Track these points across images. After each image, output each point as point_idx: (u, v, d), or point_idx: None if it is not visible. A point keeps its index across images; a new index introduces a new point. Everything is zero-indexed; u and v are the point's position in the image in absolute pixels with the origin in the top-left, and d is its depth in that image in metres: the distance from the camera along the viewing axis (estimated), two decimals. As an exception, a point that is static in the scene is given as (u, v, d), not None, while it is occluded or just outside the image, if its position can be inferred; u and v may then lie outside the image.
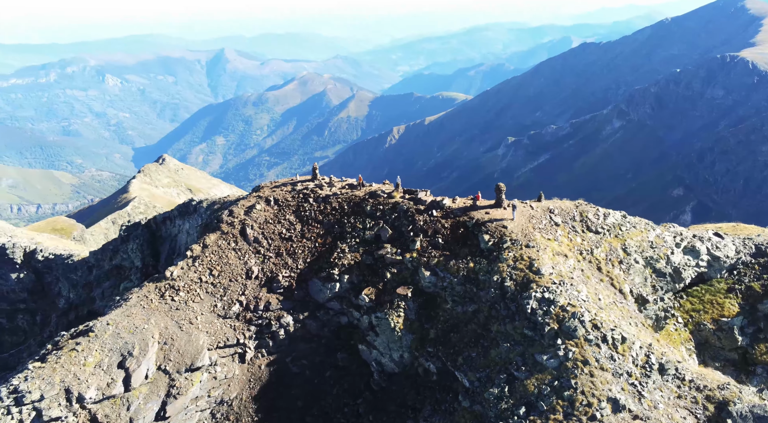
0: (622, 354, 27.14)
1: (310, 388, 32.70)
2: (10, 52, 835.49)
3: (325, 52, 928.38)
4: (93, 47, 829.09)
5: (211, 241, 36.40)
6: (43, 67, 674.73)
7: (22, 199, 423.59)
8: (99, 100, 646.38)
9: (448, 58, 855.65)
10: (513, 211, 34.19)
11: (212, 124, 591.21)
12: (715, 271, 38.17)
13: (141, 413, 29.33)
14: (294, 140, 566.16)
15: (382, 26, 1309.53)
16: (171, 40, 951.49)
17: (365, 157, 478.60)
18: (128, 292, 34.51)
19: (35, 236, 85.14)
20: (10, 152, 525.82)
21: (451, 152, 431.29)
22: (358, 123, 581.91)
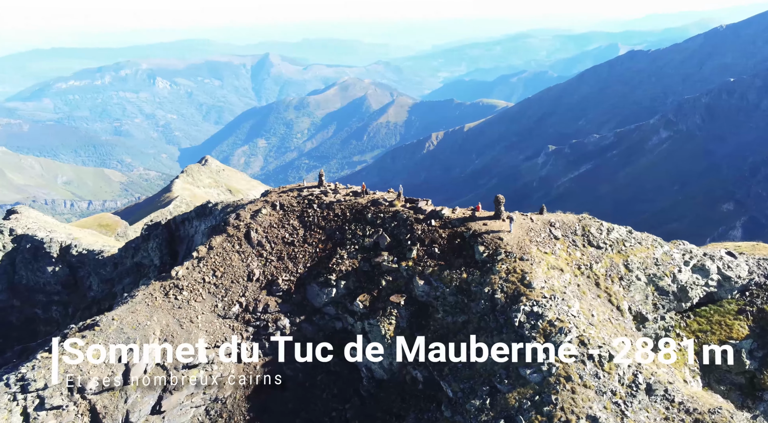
0: (608, 372, 26.72)
1: (301, 391, 33.47)
2: (71, 56, 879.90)
3: (366, 58, 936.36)
4: (146, 51, 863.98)
5: (216, 243, 37.80)
6: (99, 70, 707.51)
7: (75, 195, 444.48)
8: (149, 102, 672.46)
9: (490, 65, 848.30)
10: (510, 223, 34.08)
11: (255, 126, 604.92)
12: (726, 291, 36.88)
13: (137, 406, 30.74)
14: (333, 144, 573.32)
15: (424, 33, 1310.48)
16: (219, 45, 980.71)
17: (403, 162, 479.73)
18: (136, 290, 36.23)
19: (73, 231, 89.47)
20: (66, 150, 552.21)
21: (489, 160, 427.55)
22: (397, 128, 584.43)
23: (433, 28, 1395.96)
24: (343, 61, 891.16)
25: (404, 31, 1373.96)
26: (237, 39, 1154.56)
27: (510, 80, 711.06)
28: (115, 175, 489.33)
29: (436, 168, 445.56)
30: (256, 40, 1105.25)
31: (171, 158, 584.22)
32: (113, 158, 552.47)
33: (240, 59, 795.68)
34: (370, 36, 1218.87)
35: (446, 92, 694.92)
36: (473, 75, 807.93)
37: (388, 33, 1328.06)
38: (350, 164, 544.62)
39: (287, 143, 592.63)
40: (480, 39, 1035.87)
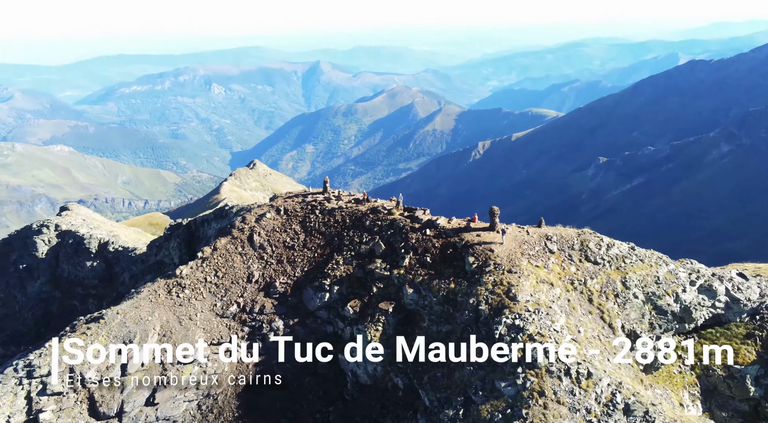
0: (585, 389, 26.18)
1: (289, 391, 34.32)
2: (135, 62, 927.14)
3: (415, 65, 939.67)
4: (203, 58, 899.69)
5: (221, 244, 39.38)
6: (159, 75, 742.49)
7: (132, 195, 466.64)
8: (204, 106, 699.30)
9: (542, 74, 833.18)
10: (503, 235, 33.89)
11: (303, 132, 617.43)
12: (734, 314, 35.23)
13: (132, 397, 32.43)
14: (379, 151, 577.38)
15: (474, 41, 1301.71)
16: (272, 53, 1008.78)
17: (447, 170, 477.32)
18: (143, 286, 38.21)
19: (115, 229, 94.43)
20: (126, 151, 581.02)
21: (536, 170, 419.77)
22: (443, 136, 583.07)
23: (483, 36, 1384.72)
24: (393, 68, 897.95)
25: (455, 39, 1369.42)
26: (290, 46, 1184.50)
27: (561, 90, 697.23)
28: (170, 176, 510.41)
29: (481, 177, 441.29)
30: (309, 47, 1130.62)
31: (223, 161, 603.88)
32: (169, 160, 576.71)
33: (292, 66, 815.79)
34: (420, 44, 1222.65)
35: (495, 101, 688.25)
36: (523, 84, 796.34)
37: (439, 41, 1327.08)
38: (395, 171, 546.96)
39: (334, 149, 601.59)
40: (531, 47, 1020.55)
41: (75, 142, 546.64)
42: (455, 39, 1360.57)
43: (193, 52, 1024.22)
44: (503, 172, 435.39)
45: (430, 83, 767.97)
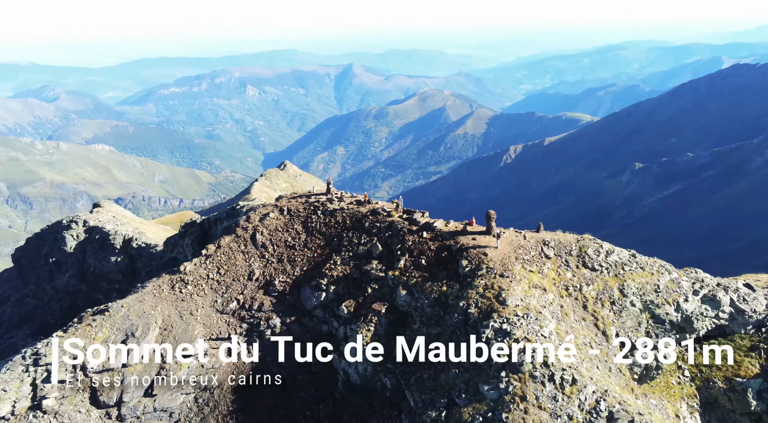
0: (568, 396, 25.88)
1: (282, 388, 34.87)
2: (174, 65, 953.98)
3: (448, 69, 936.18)
4: (239, 61, 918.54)
5: (224, 242, 40.39)
6: (197, 77, 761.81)
7: (168, 193, 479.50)
8: (239, 108, 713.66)
9: (577, 78, 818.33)
10: (498, 239, 33.75)
11: (335, 134, 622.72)
12: (739, 325, 34.13)
13: (132, 388, 33.57)
14: (409, 154, 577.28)
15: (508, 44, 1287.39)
16: (306, 56, 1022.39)
17: (478, 174, 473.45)
18: (148, 281, 39.52)
19: (141, 226, 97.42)
20: (163, 151, 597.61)
21: (569, 175, 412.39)
22: (474, 140, 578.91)
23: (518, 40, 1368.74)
24: (425, 71, 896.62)
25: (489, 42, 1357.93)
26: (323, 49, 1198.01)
27: (597, 94, 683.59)
28: (204, 176, 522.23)
29: (512, 182, 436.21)
30: (342, 50, 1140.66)
31: (256, 162, 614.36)
32: (204, 160, 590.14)
33: (325, 69, 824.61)
34: (454, 47, 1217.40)
35: (528, 105, 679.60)
36: (558, 88, 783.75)
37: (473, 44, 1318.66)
38: (425, 174, 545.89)
39: (365, 151, 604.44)
40: (567, 51, 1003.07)
41: (115, 142, 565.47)
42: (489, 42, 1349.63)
43: (229, 54, 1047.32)
44: (535, 177, 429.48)
45: (462, 86, 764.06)
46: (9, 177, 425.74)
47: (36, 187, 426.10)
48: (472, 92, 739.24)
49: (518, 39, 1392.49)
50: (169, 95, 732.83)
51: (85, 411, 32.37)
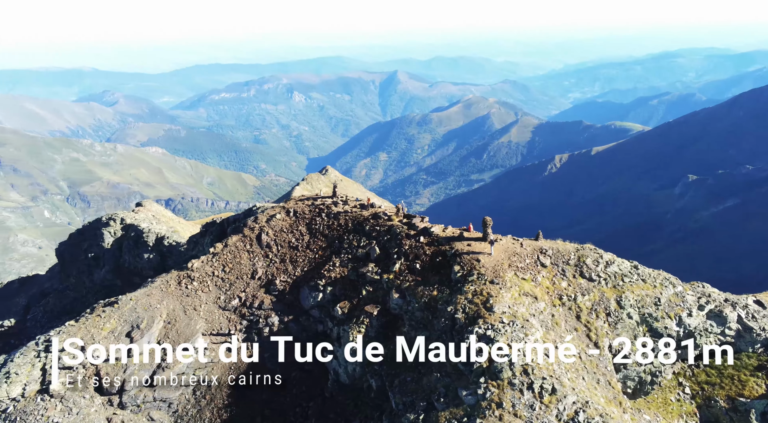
0: (546, 405, 25.39)
1: (275, 385, 35.65)
2: (225, 71, 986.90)
3: (494, 76, 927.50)
4: (287, 67, 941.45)
5: (231, 241, 41.71)
6: (246, 83, 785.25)
7: (215, 195, 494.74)
8: (285, 114, 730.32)
9: (628, 86, 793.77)
10: (492, 245, 33.48)
11: (378, 140, 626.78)
12: (746, 343, 32.50)
13: (133, 377, 35.08)
14: (452, 161, 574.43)
15: (556, 52, 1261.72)
16: (352, 63, 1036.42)
17: (521, 183, 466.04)
18: (158, 276, 41.21)
19: (176, 225, 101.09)
20: (212, 155, 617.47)
21: (617, 186, 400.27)
22: (518, 148, 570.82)
23: (567, 47, 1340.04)
24: (471, 79, 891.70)
25: (537, 49, 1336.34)
26: (370, 56, 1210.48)
27: (649, 103, 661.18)
28: (250, 179, 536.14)
29: (556, 191, 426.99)
30: (388, 57, 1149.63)
31: (300, 166, 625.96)
32: (250, 164, 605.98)
33: (370, 76, 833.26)
34: (501, 55, 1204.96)
35: (575, 113, 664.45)
36: (607, 96, 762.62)
37: (520, 52, 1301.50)
38: (467, 182, 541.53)
39: (407, 158, 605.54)
40: (619, 58, 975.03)
41: (168, 145, 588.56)
42: (537, 50, 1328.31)
43: (278, 61, 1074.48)
44: (580, 187, 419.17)
45: (507, 94, 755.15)
46: (70, 176, 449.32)
47: (94, 187, 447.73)
48: (517, 100, 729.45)
49: (567, 46, 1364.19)
50: (220, 100, 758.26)
51: (89, 397, 34.08)
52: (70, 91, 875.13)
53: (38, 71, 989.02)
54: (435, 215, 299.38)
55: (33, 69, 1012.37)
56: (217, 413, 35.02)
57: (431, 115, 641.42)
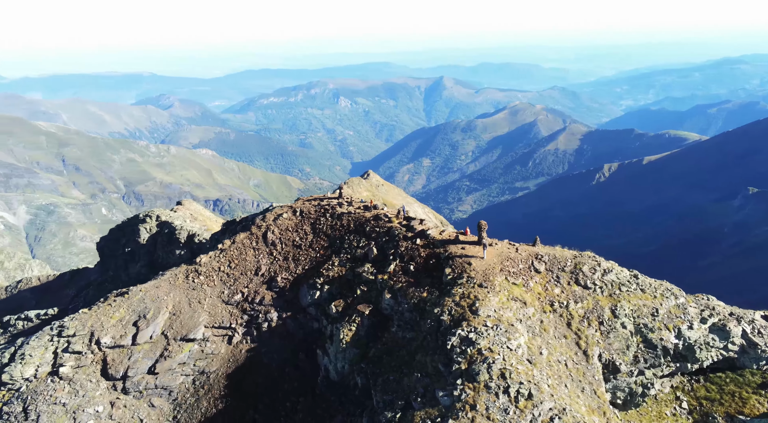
0: (522, 409, 24.95)
1: (270, 379, 36.49)
2: (274, 76, 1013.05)
3: (542, 82, 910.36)
4: (334, 73, 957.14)
5: (239, 238, 42.96)
6: (293, 88, 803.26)
7: (261, 197, 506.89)
8: (331, 118, 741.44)
9: (685, 94, 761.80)
10: (484, 249, 33.18)
11: (421, 146, 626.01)
12: (751, 359, 30.83)
13: (137, 364, 36.71)
14: (496, 168, 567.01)
15: (609, 58, 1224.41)
16: (399, 68, 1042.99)
17: (567, 192, 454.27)
18: (168, 269, 42.88)
19: (210, 224, 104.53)
20: (259, 157, 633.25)
21: (669, 197, 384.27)
22: (566, 156, 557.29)
23: (620, 53, 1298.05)
24: (518, 85, 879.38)
25: (588, 56, 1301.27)
26: (416, 62, 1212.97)
27: (707, 111, 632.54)
28: (294, 182, 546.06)
29: (604, 202, 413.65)
30: (435, 63, 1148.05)
31: (343, 170, 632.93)
32: (296, 167, 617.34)
33: (415, 81, 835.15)
34: (550, 61, 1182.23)
35: (627, 121, 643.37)
36: (662, 104, 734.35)
37: (570, 58, 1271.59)
38: (511, 190, 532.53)
39: (450, 164, 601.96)
40: (676, 65, 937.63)
41: (217, 147, 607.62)
42: (588, 56, 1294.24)
43: (325, 66, 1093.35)
44: (629, 197, 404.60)
45: (556, 101, 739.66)
46: (126, 176, 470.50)
47: (147, 186, 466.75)
48: (566, 107, 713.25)
49: (621, 52, 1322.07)
50: (268, 105, 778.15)
51: (95, 381, 35.92)
52: (129, 95, 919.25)
53: (102, 76, 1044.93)
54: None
55: (97, 73, 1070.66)
56: (214, 403, 36.14)
57: (476, 121, 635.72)
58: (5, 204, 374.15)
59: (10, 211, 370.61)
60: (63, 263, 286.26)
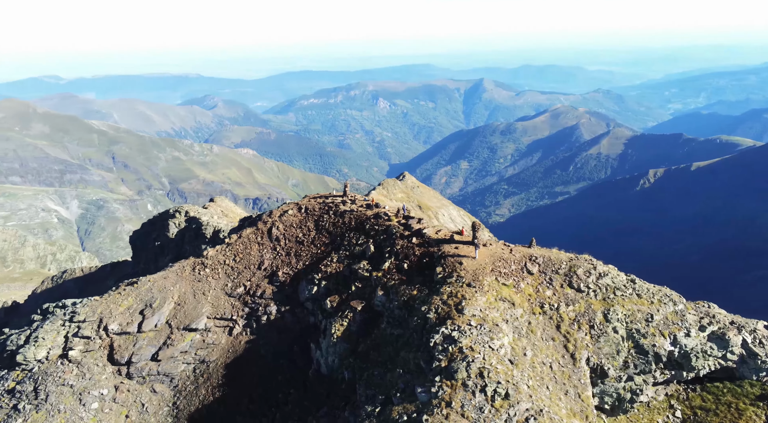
0: (497, 408, 24.74)
1: (266, 370, 37.27)
2: (315, 78, 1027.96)
3: (585, 85, 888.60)
4: (373, 74, 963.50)
5: (245, 233, 44.07)
6: (334, 90, 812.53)
7: (299, 197, 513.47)
8: (370, 119, 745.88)
9: (739, 97, 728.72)
10: (476, 249, 33.00)
11: (459, 148, 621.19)
12: (750, 370, 29.50)
13: (141, 351, 38.18)
14: (535, 172, 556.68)
15: (657, 61, 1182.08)
16: (439, 70, 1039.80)
17: (609, 198, 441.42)
18: (177, 262, 44.38)
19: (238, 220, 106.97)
20: (298, 158, 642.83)
21: (719, 206, 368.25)
22: (608, 161, 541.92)
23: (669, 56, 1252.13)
24: (561, 88, 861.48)
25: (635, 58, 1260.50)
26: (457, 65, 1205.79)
27: (763, 116, 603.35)
28: (332, 182, 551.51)
29: (648, 209, 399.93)
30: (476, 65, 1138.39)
31: (381, 172, 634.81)
32: (333, 167, 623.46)
33: (455, 84, 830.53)
34: (595, 64, 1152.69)
35: (675, 126, 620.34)
36: (714, 108, 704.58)
37: (617, 60, 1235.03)
38: (551, 194, 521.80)
39: (489, 167, 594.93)
40: (729, 67, 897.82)
41: (258, 147, 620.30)
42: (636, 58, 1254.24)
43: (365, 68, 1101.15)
44: (676, 205, 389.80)
45: (599, 104, 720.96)
46: (171, 174, 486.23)
47: (191, 184, 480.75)
48: (610, 110, 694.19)
49: (670, 54, 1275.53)
50: (308, 106, 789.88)
51: (102, 365, 37.59)
52: (176, 95, 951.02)
53: (151, 77, 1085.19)
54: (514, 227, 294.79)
55: (147, 75, 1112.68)
56: (212, 391, 37.22)
57: (516, 124, 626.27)
58: (59, 198, 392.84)
59: (63, 205, 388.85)
60: (110, 256, 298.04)
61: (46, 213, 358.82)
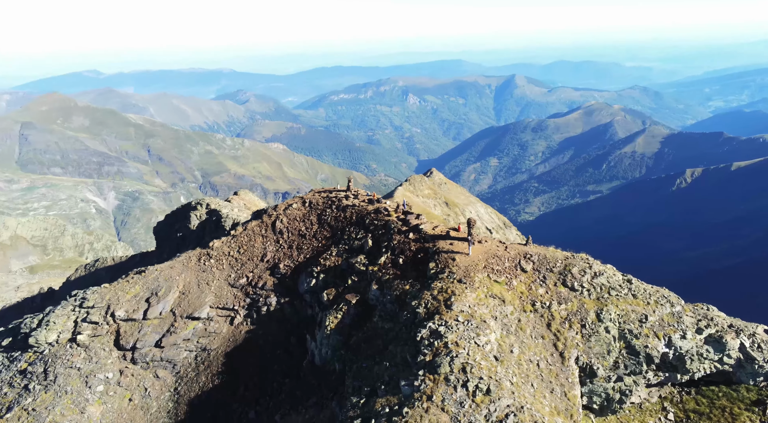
0: (478, 404, 24.68)
1: (263, 359, 37.97)
2: (345, 74, 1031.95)
3: (622, 82, 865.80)
4: (404, 70, 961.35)
5: (250, 226, 44.91)
6: (364, 85, 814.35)
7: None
8: (399, 115, 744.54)
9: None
10: (469, 246, 32.85)
11: (489, 145, 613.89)
12: (747, 375, 28.57)
13: (146, 337, 39.41)
14: (567, 170, 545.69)
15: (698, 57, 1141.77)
16: (471, 66, 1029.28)
17: (643, 198, 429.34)
18: (184, 252, 45.52)
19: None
20: (327, 152, 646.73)
21: (759, 207, 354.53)
22: (643, 160, 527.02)
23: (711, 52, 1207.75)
24: (596, 84, 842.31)
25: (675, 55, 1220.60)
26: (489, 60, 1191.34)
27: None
28: (360, 178, 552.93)
29: (683, 209, 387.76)
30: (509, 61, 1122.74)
31: (409, 168, 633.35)
32: (362, 163, 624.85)
33: (486, 80, 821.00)
34: (632, 60, 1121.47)
35: (715, 124, 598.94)
36: (758, 105, 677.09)
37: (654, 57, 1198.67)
38: (582, 193, 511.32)
39: (519, 164, 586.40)
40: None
41: (288, 142, 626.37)
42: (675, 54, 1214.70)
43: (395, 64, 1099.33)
44: (714, 206, 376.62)
45: (635, 101, 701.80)
46: (203, 167, 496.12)
47: (222, 177, 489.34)
48: (646, 108, 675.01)
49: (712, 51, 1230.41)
50: (338, 101, 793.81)
51: (108, 350, 38.98)
52: (209, 90, 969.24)
53: (186, 72, 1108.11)
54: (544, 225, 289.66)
55: (182, 70, 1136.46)
56: (211, 378, 38.18)
57: (548, 121, 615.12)
58: (97, 190, 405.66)
59: (101, 196, 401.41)
60: (144, 246, 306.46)
61: (85, 203, 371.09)
